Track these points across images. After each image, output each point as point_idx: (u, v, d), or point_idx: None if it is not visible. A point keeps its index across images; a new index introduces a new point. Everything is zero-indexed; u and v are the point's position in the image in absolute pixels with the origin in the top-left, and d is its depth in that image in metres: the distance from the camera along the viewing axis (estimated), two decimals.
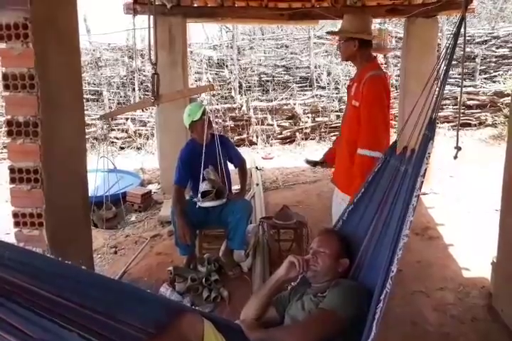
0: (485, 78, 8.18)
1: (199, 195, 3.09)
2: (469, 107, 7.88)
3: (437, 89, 1.64)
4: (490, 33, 8.35)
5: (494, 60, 8.23)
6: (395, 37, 7.97)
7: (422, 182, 1.56)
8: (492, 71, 8.22)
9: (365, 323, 1.47)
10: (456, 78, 7.86)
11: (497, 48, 8.26)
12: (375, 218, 1.86)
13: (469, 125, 7.76)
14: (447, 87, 7.76)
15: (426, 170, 1.56)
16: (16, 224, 2.37)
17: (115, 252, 3.68)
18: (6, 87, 2.26)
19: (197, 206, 3.10)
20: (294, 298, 1.86)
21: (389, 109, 2.52)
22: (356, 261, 1.89)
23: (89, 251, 2.92)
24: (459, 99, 7.57)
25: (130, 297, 1.71)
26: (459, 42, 1.67)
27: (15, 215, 2.37)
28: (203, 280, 2.96)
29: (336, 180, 2.71)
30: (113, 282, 1.81)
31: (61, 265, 1.64)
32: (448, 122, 7.74)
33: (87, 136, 3.19)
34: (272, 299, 1.87)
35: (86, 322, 1.55)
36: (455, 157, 1.61)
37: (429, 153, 1.57)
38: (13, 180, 2.34)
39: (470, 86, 7.98)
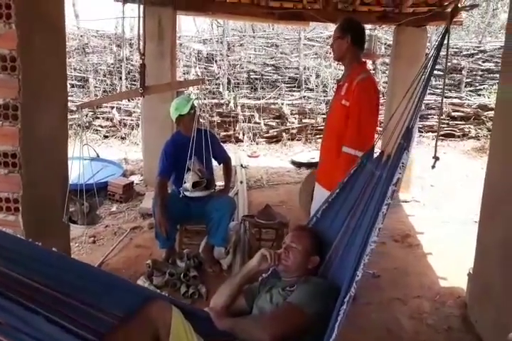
0: (470, 90, 8.30)
1: (188, 184, 3.06)
2: (454, 118, 7.98)
3: (416, 99, 1.64)
4: (477, 47, 8.47)
5: (480, 73, 8.35)
6: (385, 44, 8.03)
7: (394, 191, 1.56)
8: (477, 84, 8.35)
9: (329, 322, 1.49)
10: (442, 89, 7.96)
11: (483, 62, 8.38)
12: (347, 220, 1.90)
13: (453, 136, 7.87)
14: (433, 97, 7.86)
15: (398, 179, 1.56)
16: None
17: (94, 242, 3.62)
18: None
19: (181, 196, 3.05)
20: (264, 289, 1.90)
21: (377, 112, 2.59)
22: (326, 260, 1.93)
23: (67, 239, 2.85)
24: (439, 110, 7.65)
25: (104, 282, 1.71)
26: (442, 53, 1.66)
27: None
28: (182, 275, 2.92)
29: (320, 179, 2.73)
30: (87, 267, 1.79)
31: (33, 247, 1.63)
32: (432, 132, 7.82)
33: (70, 123, 3.10)
34: (243, 289, 1.91)
35: (55, 305, 1.53)
36: (433, 166, 1.62)
37: (403, 163, 1.58)
38: None
39: (455, 97, 8.10)
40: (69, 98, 3.17)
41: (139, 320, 1.62)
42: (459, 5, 1.84)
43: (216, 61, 7.89)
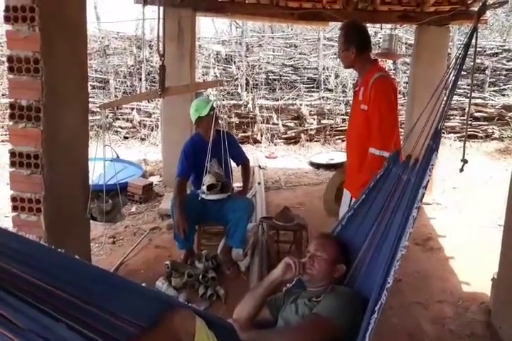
0: (494, 91, 8.13)
1: (204, 187, 3.05)
2: (476, 119, 7.81)
3: (445, 99, 1.60)
4: (501, 46, 8.32)
5: (504, 73, 8.19)
6: (405, 43, 7.93)
7: (424, 193, 1.51)
8: (501, 84, 8.18)
9: (358, 332, 1.44)
10: (465, 89, 7.80)
11: (507, 61, 8.21)
12: (375, 226, 1.83)
13: (476, 137, 7.71)
14: (455, 97, 7.72)
15: (428, 181, 1.52)
16: (14, 208, 2.35)
17: (113, 242, 3.65)
18: (11, 70, 2.23)
19: (199, 198, 3.06)
20: (289, 300, 1.83)
21: (396, 110, 2.54)
22: (353, 268, 1.86)
23: (87, 239, 2.89)
24: (467, 111, 7.52)
25: (124, 290, 1.68)
26: (469, 52, 1.63)
27: (13, 199, 2.35)
28: (200, 276, 2.92)
29: (349, 186, 2.68)
30: (108, 274, 1.79)
31: (55, 254, 1.61)
32: (454, 133, 7.69)
33: (91, 124, 3.14)
34: (267, 299, 1.83)
35: (76, 313, 1.51)
36: (461, 170, 1.56)
37: (432, 165, 1.53)
38: (13, 164, 2.32)
39: (478, 97, 7.93)
40: (90, 99, 3.19)
41: (162, 330, 1.60)
42: (487, 2, 1.79)
43: (235, 62, 7.91)
